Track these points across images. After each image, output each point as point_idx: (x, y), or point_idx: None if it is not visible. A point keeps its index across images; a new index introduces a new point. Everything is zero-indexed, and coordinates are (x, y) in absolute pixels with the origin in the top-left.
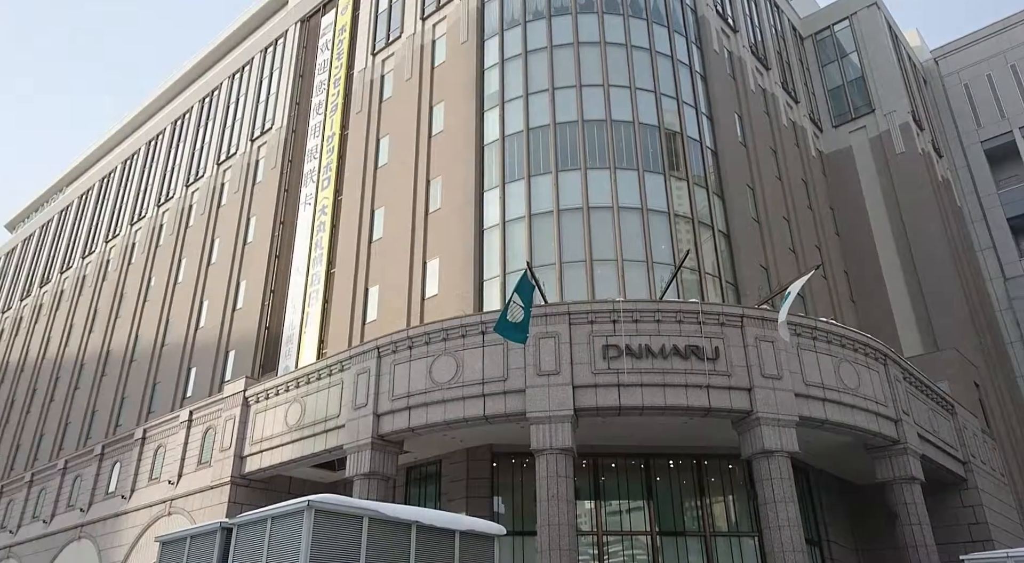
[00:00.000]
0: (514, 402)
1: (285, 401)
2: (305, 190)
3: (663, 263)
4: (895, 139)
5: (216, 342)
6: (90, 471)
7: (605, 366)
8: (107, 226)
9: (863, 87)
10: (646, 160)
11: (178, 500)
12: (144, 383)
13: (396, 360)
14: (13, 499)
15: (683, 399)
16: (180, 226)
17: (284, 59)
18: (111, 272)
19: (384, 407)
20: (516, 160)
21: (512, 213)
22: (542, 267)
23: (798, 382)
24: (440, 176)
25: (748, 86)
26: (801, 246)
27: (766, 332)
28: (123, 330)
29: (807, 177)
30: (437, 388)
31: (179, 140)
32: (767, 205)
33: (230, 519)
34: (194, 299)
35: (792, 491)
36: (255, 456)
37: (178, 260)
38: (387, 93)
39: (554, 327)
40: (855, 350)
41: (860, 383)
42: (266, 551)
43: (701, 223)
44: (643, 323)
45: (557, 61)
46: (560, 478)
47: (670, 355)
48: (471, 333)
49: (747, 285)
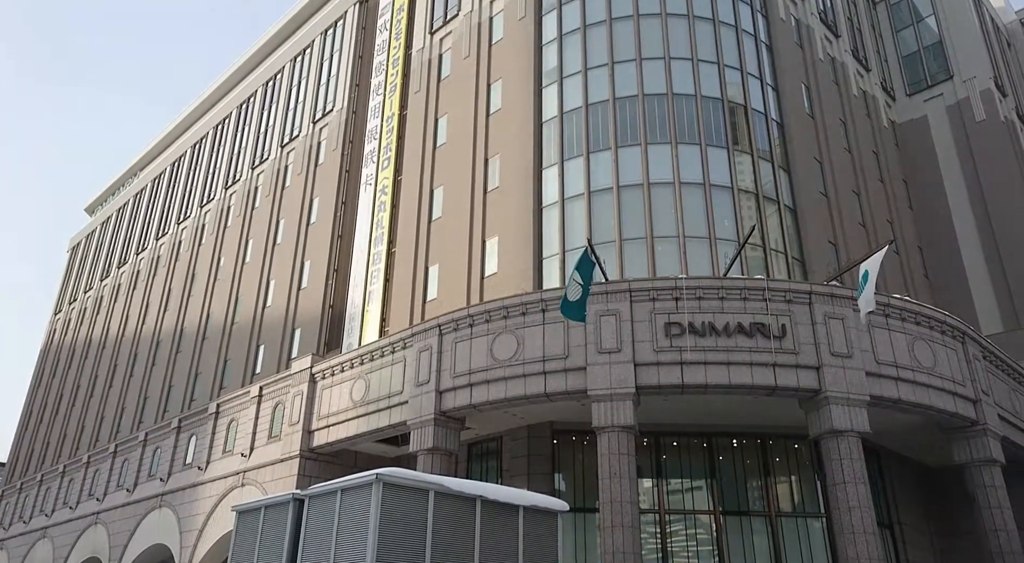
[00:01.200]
0: (575, 379)
1: (350, 377)
2: (366, 171)
3: (726, 239)
4: (975, 106)
5: (282, 320)
6: (168, 443)
7: (667, 344)
8: (178, 208)
9: (940, 52)
10: (708, 134)
11: (250, 472)
12: (216, 360)
13: (457, 338)
14: (99, 469)
15: (748, 378)
16: (247, 207)
17: (344, 41)
18: (183, 253)
19: (446, 384)
20: (575, 137)
21: (571, 190)
22: (602, 245)
23: (869, 360)
24: (498, 154)
25: (816, 55)
26: (872, 221)
27: (835, 309)
28: (195, 309)
29: (879, 149)
30: (498, 366)
31: (244, 123)
32: (836, 178)
33: (302, 491)
34: (261, 278)
35: (863, 472)
36: (322, 431)
37: (245, 241)
38: (445, 72)
39: (615, 305)
40: (930, 328)
41: (936, 362)
42: (337, 522)
43: (766, 198)
44: (706, 300)
45: (616, 34)
46: (622, 456)
47: (734, 333)
48: (531, 311)
49: (815, 261)
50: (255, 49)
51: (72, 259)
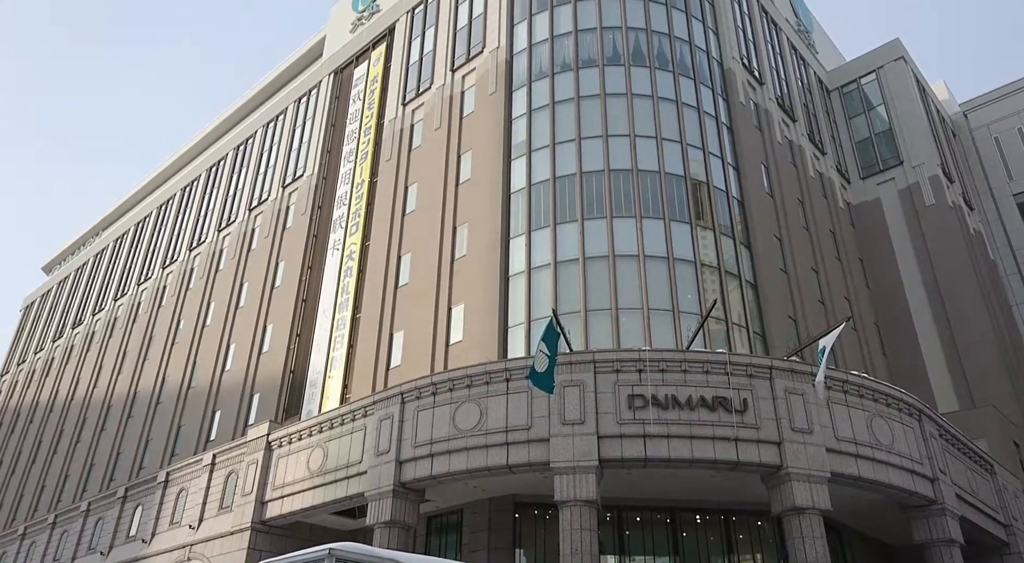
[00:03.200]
0: (538, 451)
1: (308, 446)
2: (333, 236)
3: (689, 313)
4: (924, 191)
5: (241, 385)
6: (112, 514)
7: (631, 416)
8: (140, 269)
9: (891, 139)
10: (672, 209)
11: (198, 545)
12: (169, 426)
13: (420, 406)
14: (35, 541)
15: (711, 452)
16: (210, 270)
17: (317, 109)
18: (141, 314)
19: (407, 454)
20: (542, 208)
21: (538, 260)
22: (567, 315)
23: (829, 437)
24: (467, 223)
25: (775, 137)
26: (830, 298)
27: (795, 384)
28: (150, 372)
29: (835, 228)
30: (460, 435)
31: (213, 186)
32: (795, 256)
33: None
34: (221, 342)
35: (825, 551)
36: (276, 501)
37: (207, 303)
38: (416, 142)
39: (579, 375)
40: (888, 405)
41: (894, 439)
42: None
43: (728, 273)
44: (669, 373)
45: (584, 112)
46: (584, 531)
47: (697, 406)
48: (495, 380)
49: (775, 336)
50: (229, 113)
51: (24, 319)
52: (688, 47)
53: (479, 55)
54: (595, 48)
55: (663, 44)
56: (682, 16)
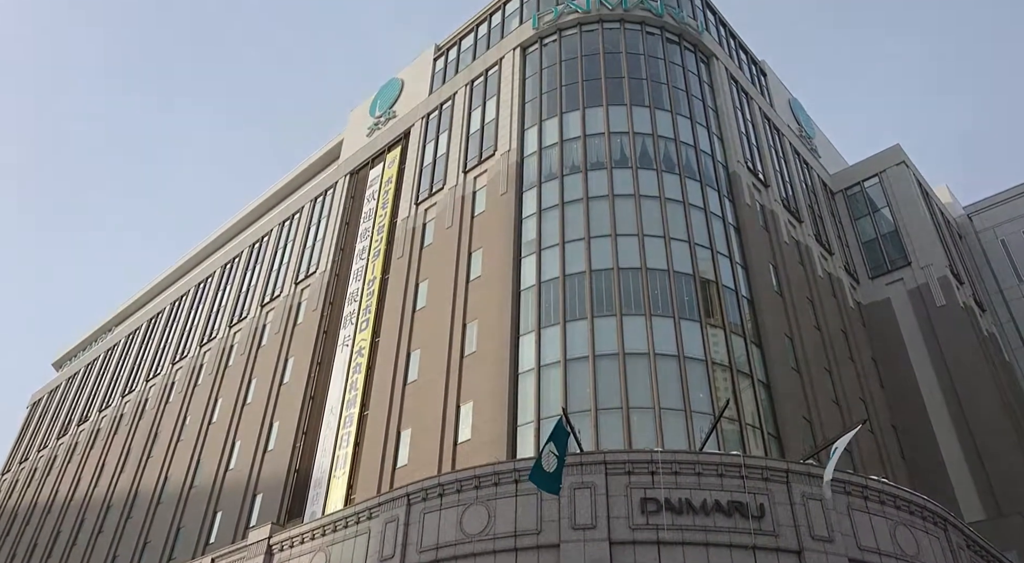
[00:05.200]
0: (548, 557)
1: (310, 550)
2: (344, 332)
3: (701, 412)
4: (935, 292)
5: (244, 485)
6: None
7: (644, 521)
8: (149, 365)
9: (897, 240)
10: (681, 307)
11: None
12: (168, 527)
13: (426, 508)
14: None
15: (728, 560)
16: (220, 366)
17: (332, 208)
18: (148, 411)
19: (411, 559)
20: (552, 305)
21: (547, 358)
22: (577, 413)
23: (851, 546)
24: (476, 320)
25: (782, 237)
26: (845, 398)
27: (813, 489)
28: (153, 471)
29: (847, 328)
30: (468, 540)
31: (227, 282)
32: (807, 355)
33: None
34: (226, 440)
35: None
36: None
37: (215, 400)
38: (428, 240)
39: (590, 477)
40: (911, 512)
41: (920, 550)
42: None
43: (740, 372)
44: (683, 476)
45: (593, 212)
46: None
47: (712, 511)
48: (504, 481)
49: (790, 438)
50: (246, 211)
51: (31, 415)
52: (693, 151)
53: (491, 157)
54: (603, 151)
55: (669, 148)
56: (687, 122)
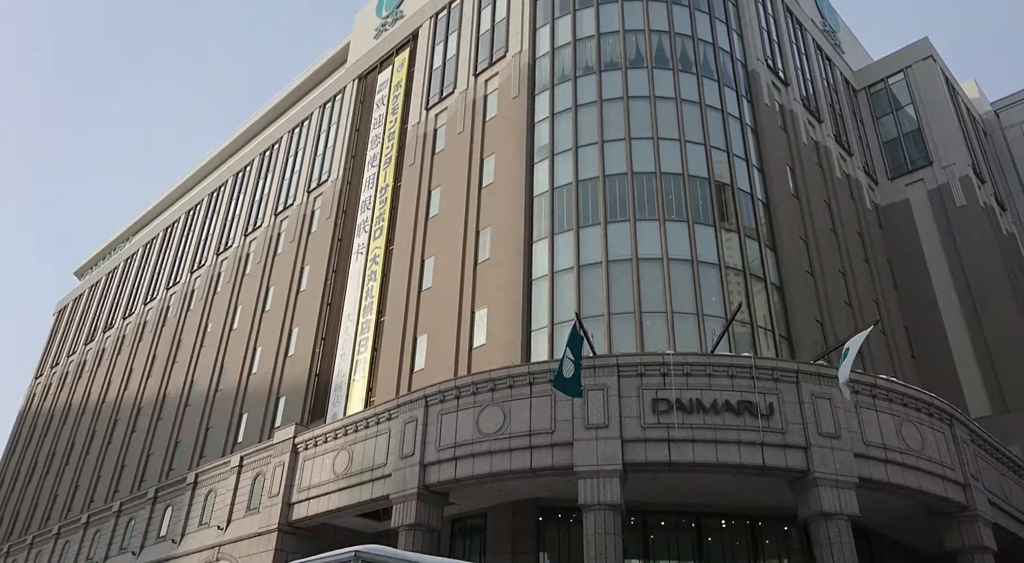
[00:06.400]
0: (561, 455)
1: (333, 449)
2: (358, 240)
3: (714, 316)
4: (955, 192)
5: (267, 388)
6: (143, 514)
7: (655, 420)
8: (168, 274)
9: (920, 139)
10: (696, 212)
11: (226, 546)
12: (197, 428)
13: (443, 410)
14: (69, 540)
15: (736, 456)
16: (237, 274)
17: (342, 114)
18: (170, 318)
19: (431, 457)
20: (565, 211)
21: (561, 264)
22: (591, 318)
23: (857, 442)
24: (489, 227)
25: (800, 139)
26: (858, 300)
27: (822, 389)
28: (179, 375)
29: (863, 230)
30: (484, 439)
31: (240, 192)
32: (821, 258)
33: None
34: (248, 346)
35: (853, 556)
36: (303, 503)
37: (234, 307)
38: (439, 146)
39: (603, 379)
40: (918, 409)
41: (924, 444)
42: None
43: (753, 276)
44: (694, 377)
45: (607, 115)
46: (608, 535)
47: (722, 410)
48: (519, 384)
49: (801, 340)
50: (255, 119)
51: (57, 323)
52: (711, 49)
53: (502, 59)
54: (617, 51)
55: (686, 46)
56: (705, 18)
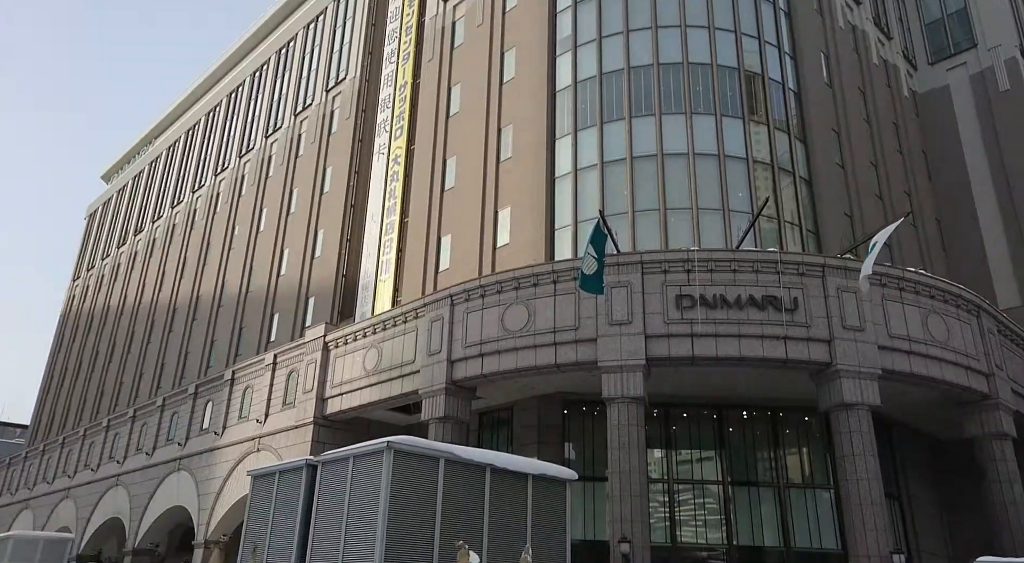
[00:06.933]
0: (585, 351)
1: (363, 346)
2: (379, 140)
3: (740, 211)
4: (999, 75)
5: (296, 289)
6: (185, 409)
7: (678, 316)
8: (193, 176)
9: (965, 20)
10: (724, 104)
11: (265, 438)
12: (231, 328)
13: (468, 308)
14: (119, 432)
15: (759, 350)
16: (261, 176)
17: (357, 8)
18: (198, 221)
19: (457, 354)
20: (588, 106)
21: (584, 161)
22: (615, 216)
23: (882, 334)
24: (511, 124)
25: (836, 23)
26: (889, 192)
27: (849, 282)
28: (210, 277)
29: (898, 119)
30: (509, 336)
31: (258, 91)
32: (853, 149)
33: (315, 457)
34: (275, 247)
35: (872, 444)
36: (335, 398)
37: (259, 209)
38: (458, 40)
39: (626, 276)
40: (945, 301)
41: (950, 336)
42: (349, 487)
43: (781, 169)
44: (718, 273)
45: (632, 2)
46: (631, 426)
47: (746, 305)
48: (542, 282)
49: (829, 234)
50: (268, 15)
51: (89, 226)
52: None
53: None
54: None
55: None
56: None
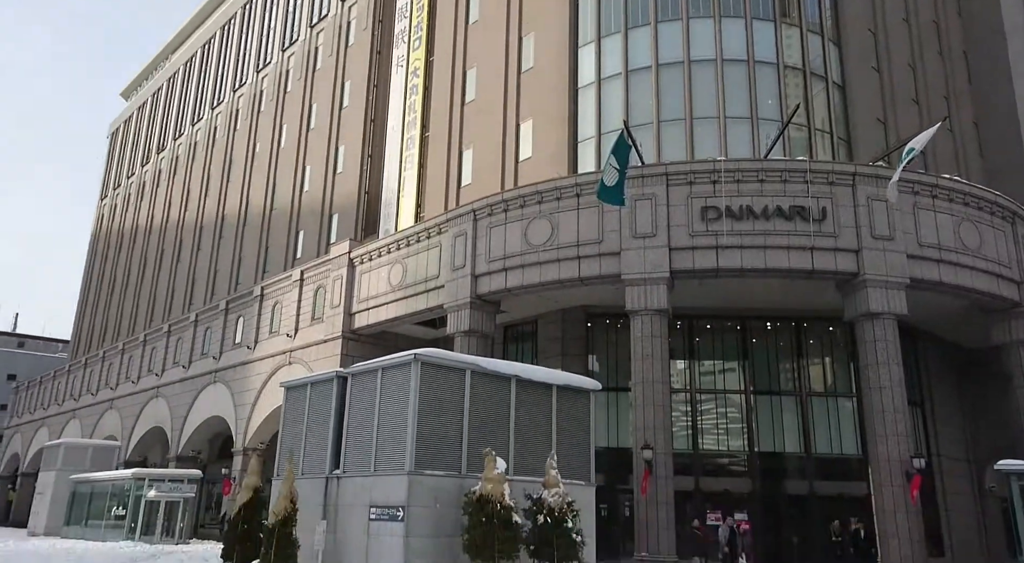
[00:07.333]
0: (609, 264)
1: (388, 262)
2: (397, 51)
3: (769, 120)
4: None
5: (320, 206)
6: (218, 324)
7: (703, 228)
8: (211, 93)
9: None
10: (755, 6)
11: (296, 351)
12: (257, 245)
13: (492, 223)
14: (155, 347)
15: (785, 261)
16: (279, 92)
17: None
18: (219, 138)
19: (481, 268)
20: (612, 11)
21: (608, 70)
22: (639, 127)
23: (911, 243)
24: (533, 32)
25: None
26: (927, 96)
27: (880, 191)
28: (234, 194)
29: (939, 18)
30: (532, 250)
31: (272, 2)
32: (890, 52)
33: (345, 369)
34: (297, 164)
35: (897, 353)
36: (362, 313)
37: (279, 125)
38: None
39: (651, 188)
40: (979, 208)
41: (982, 243)
42: (379, 398)
43: (814, 74)
44: (745, 183)
45: None
46: (655, 338)
47: (773, 216)
48: (566, 195)
49: (862, 141)
50: None
51: (112, 145)
52: None
53: None
54: None
55: None
56: None
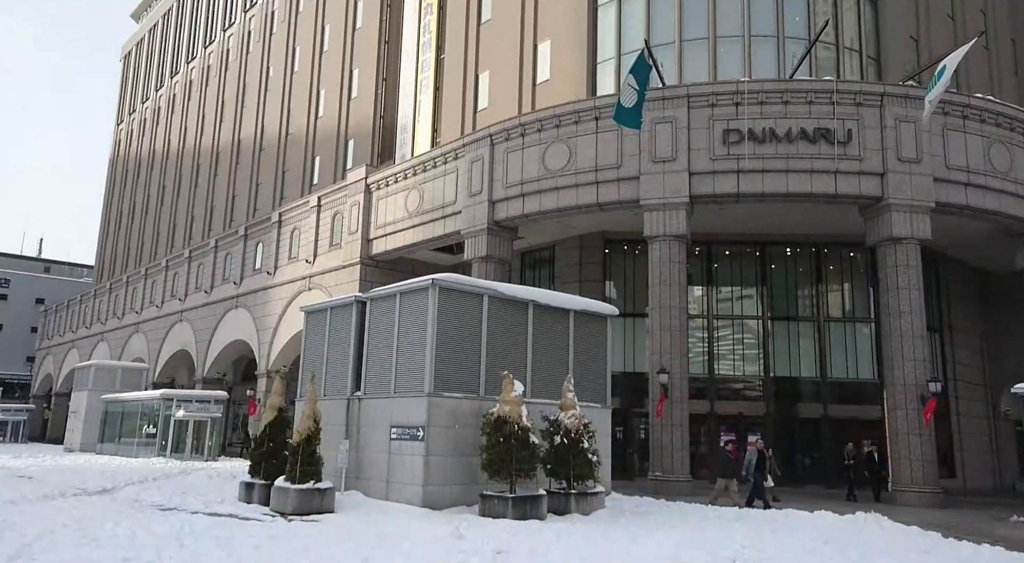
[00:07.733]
0: (628, 189)
1: (404, 188)
2: None
3: (796, 38)
4: None
5: (335, 131)
6: (238, 249)
7: (724, 152)
8: (223, 13)
9: None
10: None
11: (316, 277)
12: (274, 171)
13: (509, 148)
14: (177, 272)
15: (807, 185)
16: (290, 13)
17: None
18: (232, 62)
19: (498, 194)
20: None
21: None
22: (660, 47)
23: (939, 166)
24: None
25: None
26: (963, 11)
27: (908, 112)
28: (249, 120)
29: None
30: (550, 176)
31: None
32: None
33: (364, 294)
34: (311, 88)
35: (919, 278)
36: (380, 239)
37: (292, 48)
38: None
39: (671, 111)
40: (1012, 129)
41: (1013, 165)
42: (397, 322)
43: None
44: (769, 105)
45: None
46: (672, 263)
47: (796, 139)
48: (584, 119)
49: (892, 60)
50: None
51: (126, 69)
52: None
53: None
54: None
55: None
56: None
